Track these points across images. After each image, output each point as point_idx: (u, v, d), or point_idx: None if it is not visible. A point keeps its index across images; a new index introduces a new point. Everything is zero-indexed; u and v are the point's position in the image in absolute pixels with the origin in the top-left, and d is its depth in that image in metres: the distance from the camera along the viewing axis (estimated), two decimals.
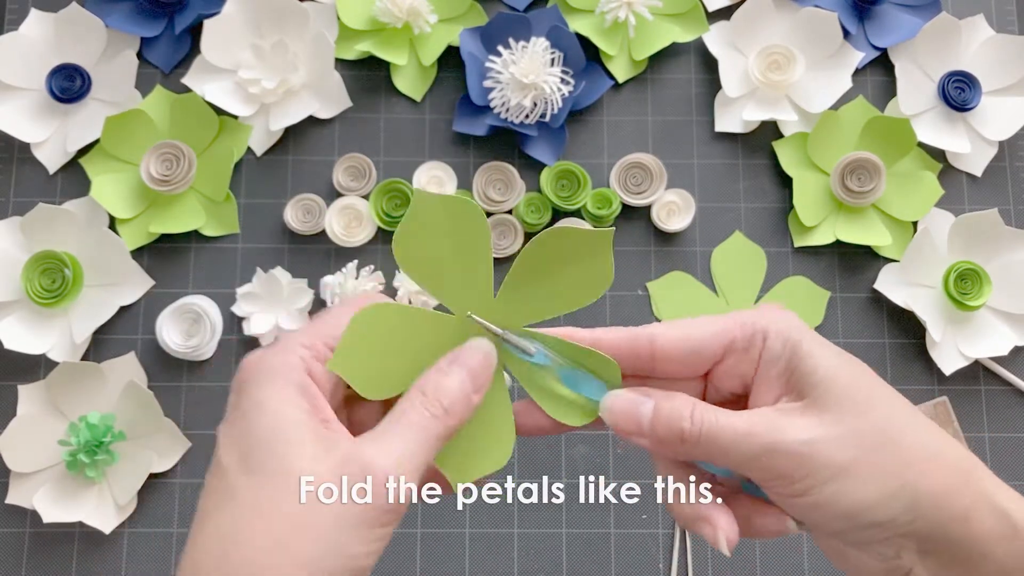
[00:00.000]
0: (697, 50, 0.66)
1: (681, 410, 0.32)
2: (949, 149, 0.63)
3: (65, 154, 0.63)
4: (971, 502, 0.30)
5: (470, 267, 0.33)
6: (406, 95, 0.65)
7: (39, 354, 0.60)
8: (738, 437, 0.30)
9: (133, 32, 0.64)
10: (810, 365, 0.31)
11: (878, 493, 0.29)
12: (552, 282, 0.34)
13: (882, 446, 0.30)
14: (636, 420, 0.33)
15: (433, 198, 0.33)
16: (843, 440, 0.30)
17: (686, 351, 0.33)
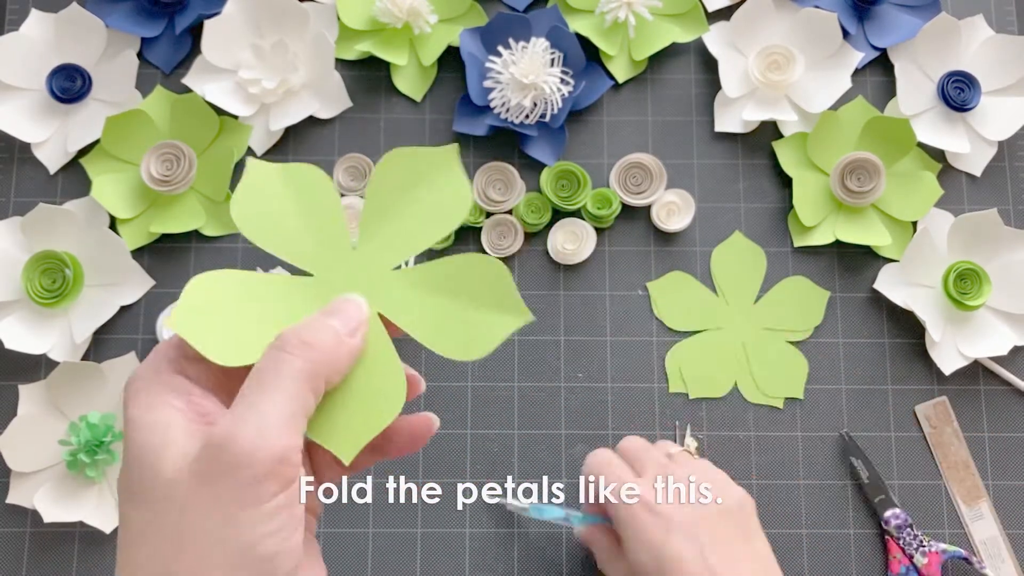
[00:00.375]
0: (697, 50, 0.66)
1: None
2: (949, 149, 0.63)
3: (66, 154, 0.63)
4: None
5: (321, 227, 0.31)
6: (406, 95, 0.65)
7: (39, 354, 0.60)
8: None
9: (133, 32, 0.64)
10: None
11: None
12: (407, 214, 0.32)
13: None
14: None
15: (268, 167, 0.32)
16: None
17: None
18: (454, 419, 0.60)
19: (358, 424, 0.30)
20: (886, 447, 0.60)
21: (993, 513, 0.59)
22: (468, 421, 0.60)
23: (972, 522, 0.59)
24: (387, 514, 0.58)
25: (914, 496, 0.59)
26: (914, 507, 0.59)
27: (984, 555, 0.58)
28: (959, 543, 0.58)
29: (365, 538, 0.58)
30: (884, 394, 0.60)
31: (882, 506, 0.58)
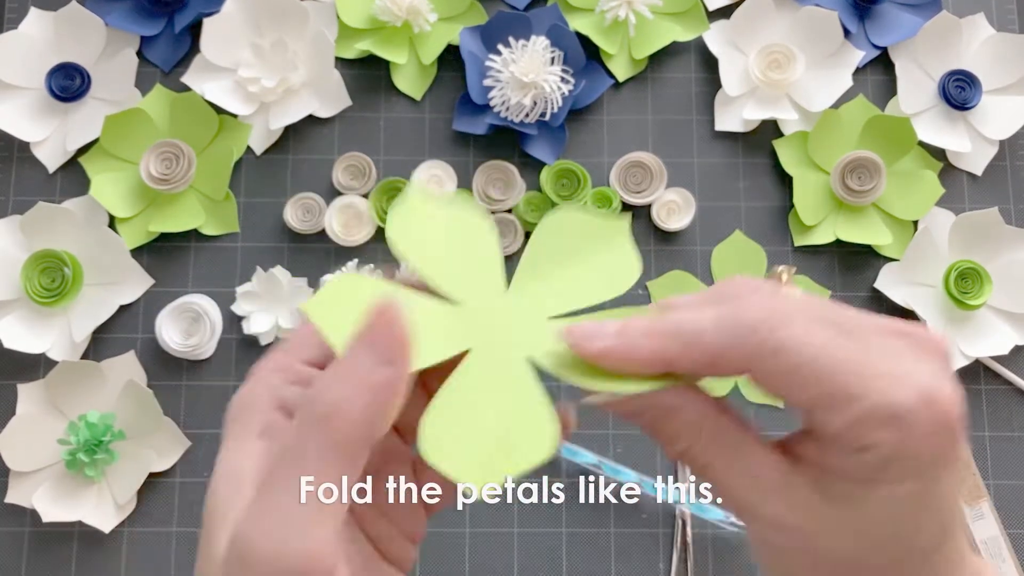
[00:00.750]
0: (697, 49, 0.66)
1: (700, 431, 0.25)
2: (949, 148, 0.63)
3: (65, 153, 0.63)
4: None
5: (475, 264, 0.30)
6: (406, 94, 0.65)
7: (38, 353, 0.60)
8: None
9: (133, 31, 0.64)
10: (873, 516, 0.24)
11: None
12: (569, 275, 0.30)
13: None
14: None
15: (431, 195, 0.31)
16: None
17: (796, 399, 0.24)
18: None
19: (488, 454, 0.25)
20: None
21: (994, 513, 0.59)
22: None
23: (973, 522, 0.58)
24: None
25: None
26: None
27: (985, 555, 0.58)
28: None
29: None
30: None
31: None
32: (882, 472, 0.23)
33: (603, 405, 0.26)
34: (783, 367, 0.23)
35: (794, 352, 0.23)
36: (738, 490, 0.25)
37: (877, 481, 0.23)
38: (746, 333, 0.23)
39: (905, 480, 0.23)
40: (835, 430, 0.23)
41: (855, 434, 0.23)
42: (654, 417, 0.26)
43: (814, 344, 0.23)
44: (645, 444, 0.59)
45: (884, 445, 0.22)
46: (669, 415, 0.25)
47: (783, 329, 0.23)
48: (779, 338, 0.23)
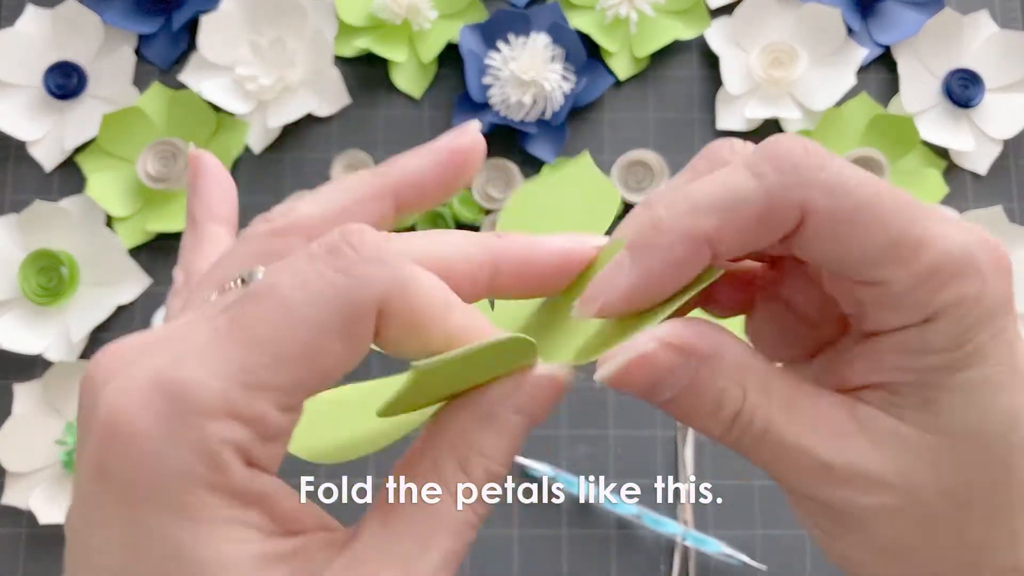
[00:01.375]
0: (699, 47, 0.66)
1: (744, 389, 0.20)
2: (953, 147, 0.63)
3: (62, 152, 0.63)
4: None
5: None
6: (405, 92, 0.64)
7: (35, 353, 0.59)
8: (801, 464, 0.20)
9: (130, 29, 0.64)
10: (965, 409, 0.20)
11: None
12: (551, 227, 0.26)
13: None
14: (653, 389, 0.20)
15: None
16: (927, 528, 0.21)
17: (845, 267, 0.20)
18: None
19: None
20: None
21: None
22: None
23: None
24: None
25: None
26: None
27: None
28: None
29: None
30: None
31: None
32: (964, 342, 0.20)
33: (621, 378, 0.20)
34: (840, 212, 0.19)
35: (851, 192, 0.20)
36: (810, 448, 0.20)
37: (960, 363, 0.20)
38: (790, 177, 0.20)
39: (979, 357, 0.20)
40: (904, 288, 0.20)
41: (929, 289, 0.19)
42: (690, 380, 0.20)
43: (868, 183, 0.20)
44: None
45: (963, 302, 0.19)
46: (708, 370, 0.20)
47: (829, 167, 0.20)
48: (829, 176, 0.20)
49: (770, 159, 0.20)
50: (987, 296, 0.20)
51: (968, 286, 0.20)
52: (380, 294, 0.19)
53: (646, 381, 0.20)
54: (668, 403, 0.21)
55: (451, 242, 0.21)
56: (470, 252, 0.21)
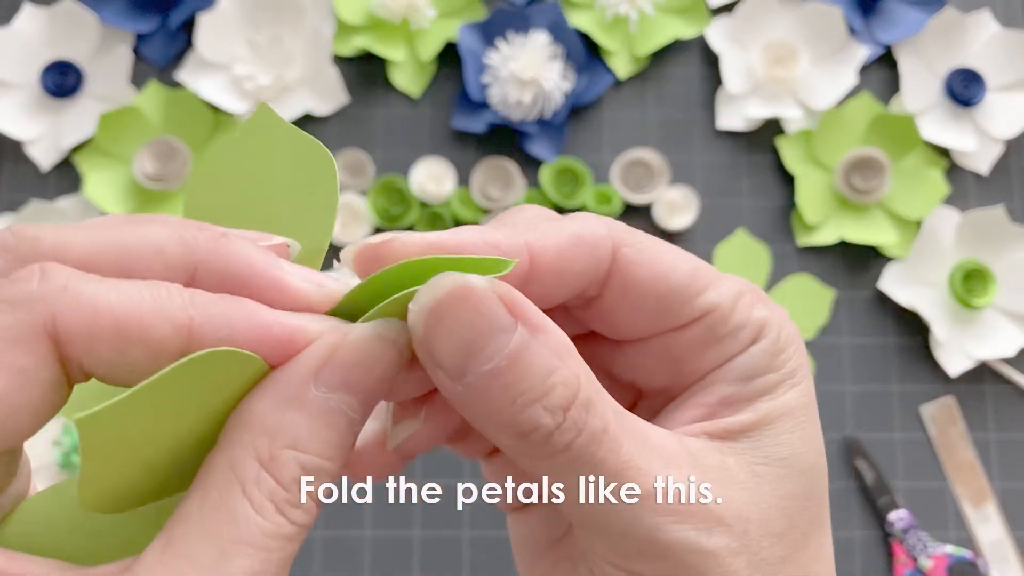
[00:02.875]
0: (699, 46, 0.65)
1: (577, 380, 0.17)
2: (955, 147, 0.62)
3: (58, 151, 0.62)
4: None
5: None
6: (404, 91, 0.64)
7: None
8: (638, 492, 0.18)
9: (128, 27, 0.64)
10: (789, 433, 0.20)
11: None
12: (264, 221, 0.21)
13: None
14: (473, 346, 0.17)
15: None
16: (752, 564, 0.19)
17: (656, 296, 0.20)
18: None
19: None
20: (891, 448, 0.59)
21: (999, 515, 0.58)
22: None
23: (978, 524, 0.58)
24: (385, 517, 0.57)
25: (919, 498, 0.58)
26: (919, 509, 0.58)
27: (990, 558, 0.57)
28: (965, 546, 0.57)
29: (361, 542, 0.57)
30: (889, 395, 0.60)
31: (887, 508, 0.57)
32: (783, 362, 0.20)
33: (440, 312, 0.17)
34: (648, 249, 0.21)
35: (645, 237, 0.21)
36: (648, 470, 0.18)
37: (780, 386, 0.20)
38: (602, 238, 0.20)
39: (797, 379, 0.20)
40: (729, 309, 0.20)
41: (746, 307, 0.20)
42: (518, 349, 0.17)
43: (666, 251, 0.21)
44: None
45: (776, 321, 0.21)
46: (540, 343, 0.17)
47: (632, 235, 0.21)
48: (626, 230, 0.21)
49: (574, 216, 0.21)
50: (787, 318, 0.21)
51: (773, 308, 0.21)
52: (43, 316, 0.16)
53: (469, 328, 0.17)
54: (487, 376, 0.17)
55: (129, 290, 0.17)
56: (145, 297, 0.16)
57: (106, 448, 0.15)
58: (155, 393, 0.15)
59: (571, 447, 0.17)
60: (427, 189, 0.61)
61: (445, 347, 0.17)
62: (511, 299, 0.17)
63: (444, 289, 0.17)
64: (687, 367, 0.21)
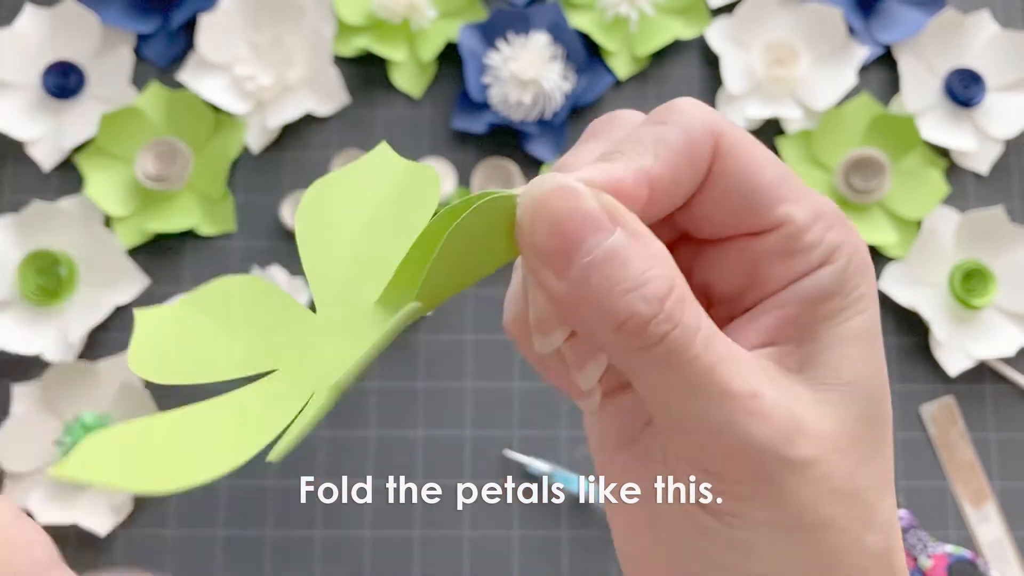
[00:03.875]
0: (699, 46, 0.65)
1: (672, 279, 0.18)
2: (955, 147, 0.62)
3: (60, 151, 0.63)
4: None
5: (268, 324, 0.23)
6: (405, 92, 0.64)
7: (34, 354, 0.59)
8: (725, 393, 0.18)
9: (129, 28, 0.64)
10: (851, 359, 0.20)
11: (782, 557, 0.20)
12: (360, 234, 0.24)
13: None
14: (575, 237, 0.18)
15: (162, 312, 0.24)
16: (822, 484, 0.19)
17: (741, 194, 0.21)
18: (453, 420, 0.59)
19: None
20: None
21: (999, 515, 0.58)
22: (467, 422, 0.59)
23: (978, 524, 0.58)
24: (385, 517, 0.58)
25: (919, 498, 0.58)
26: (919, 509, 0.58)
27: (990, 557, 0.57)
28: (965, 545, 0.57)
29: (361, 542, 0.57)
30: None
31: None
32: (853, 287, 0.20)
33: (541, 212, 0.19)
34: (744, 140, 0.21)
35: (744, 130, 0.21)
36: (736, 375, 0.19)
37: (849, 310, 0.20)
38: (699, 115, 0.21)
39: (863, 306, 0.21)
40: (804, 224, 0.20)
41: (822, 228, 0.20)
42: (615, 247, 0.18)
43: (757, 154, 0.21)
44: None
45: (849, 244, 0.21)
46: (638, 244, 0.19)
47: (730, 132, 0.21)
48: (727, 119, 0.21)
49: (676, 108, 0.21)
50: (862, 245, 0.21)
51: (850, 232, 0.21)
52: None
53: (571, 222, 0.18)
54: (587, 268, 0.18)
55: None
56: None
57: (443, 255, 0.19)
58: (472, 218, 0.19)
59: (666, 339, 0.18)
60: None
61: (548, 239, 0.18)
62: (612, 206, 0.19)
63: (548, 186, 0.19)
64: (760, 276, 0.21)
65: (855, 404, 0.20)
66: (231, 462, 0.18)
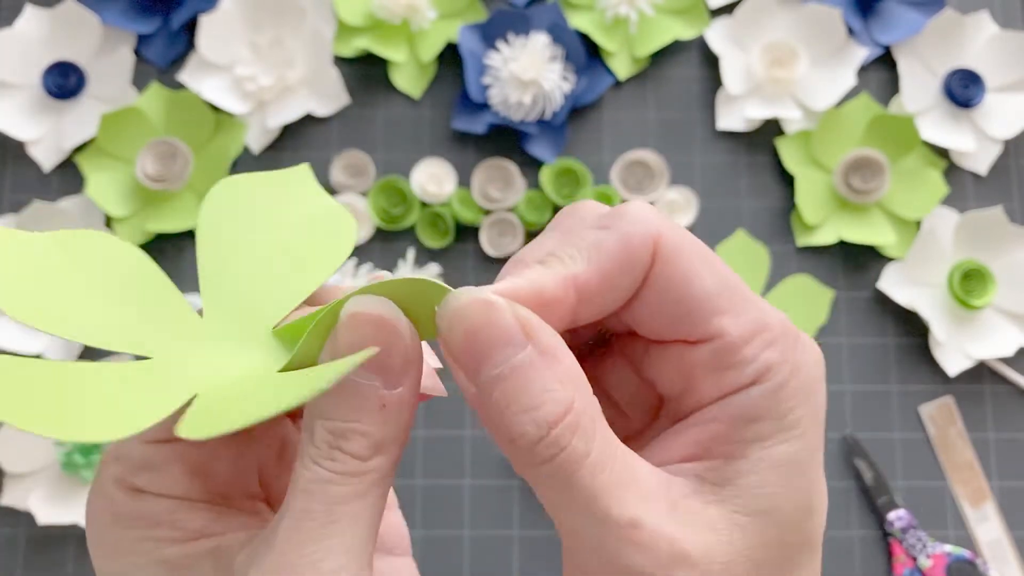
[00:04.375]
0: (699, 47, 0.66)
1: (568, 403, 0.19)
2: (954, 147, 0.62)
3: (60, 152, 0.63)
4: None
5: (138, 300, 0.22)
6: (405, 92, 0.64)
7: (35, 354, 0.59)
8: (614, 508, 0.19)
9: (129, 28, 0.64)
10: (774, 486, 0.20)
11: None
12: (267, 256, 0.23)
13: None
14: (485, 351, 0.19)
15: (32, 237, 0.22)
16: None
17: (674, 301, 0.21)
18: (453, 420, 0.59)
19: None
20: (890, 448, 0.59)
21: (998, 515, 0.58)
22: (467, 422, 0.59)
23: (977, 524, 0.58)
24: None
25: (918, 498, 0.58)
26: (918, 509, 0.58)
27: (989, 557, 0.57)
28: (964, 545, 0.57)
29: None
30: (888, 395, 0.60)
31: (886, 507, 0.57)
32: (786, 411, 0.20)
33: (464, 321, 0.20)
34: (686, 247, 0.21)
35: (690, 237, 0.21)
36: (623, 498, 0.19)
37: (777, 435, 0.20)
38: (641, 224, 0.21)
39: (797, 432, 0.20)
40: (739, 338, 0.20)
41: (760, 344, 0.20)
42: (522, 363, 0.19)
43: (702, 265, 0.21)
44: None
45: (787, 365, 0.20)
46: (545, 361, 0.19)
47: (671, 220, 0.22)
48: (674, 224, 0.21)
49: (621, 214, 0.21)
50: (807, 367, 0.20)
51: (794, 351, 0.20)
52: None
53: (484, 336, 0.19)
54: (492, 381, 0.19)
55: None
56: None
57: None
58: (409, 285, 0.20)
59: (552, 461, 0.19)
60: (428, 190, 0.61)
61: (462, 346, 0.19)
62: (527, 321, 0.19)
63: (468, 298, 0.19)
64: (695, 385, 0.21)
65: (766, 531, 0.20)
66: (92, 434, 0.18)
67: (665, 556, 0.19)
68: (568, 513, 0.20)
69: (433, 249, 0.61)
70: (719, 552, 0.19)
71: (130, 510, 0.22)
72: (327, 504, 0.19)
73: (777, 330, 0.20)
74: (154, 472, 0.22)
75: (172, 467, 0.22)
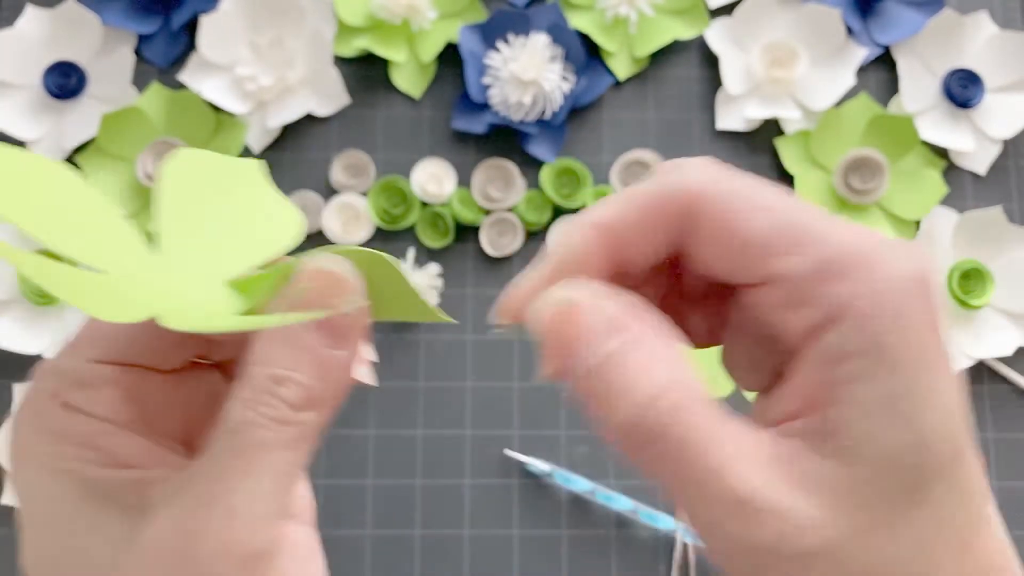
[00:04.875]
0: (699, 47, 0.66)
1: (669, 377, 0.19)
2: (953, 147, 0.62)
3: (61, 152, 0.63)
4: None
5: (86, 221, 0.22)
6: (405, 92, 0.64)
7: (35, 353, 0.59)
8: (717, 491, 0.18)
9: (130, 28, 0.64)
10: (872, 421, 0.19)
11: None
12: (221, 227, 0.24)
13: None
14: (576, 345, 0.20)
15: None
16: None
17: (729, 251, 0.20)
18: (453, 420, 0.59)
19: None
20: None
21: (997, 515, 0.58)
22: (467, 422, 0.59)
23: None
24: (385, 516, 0.58)
25: None
26: None
27: None
28: None
29: (361, 541, 0.57)
30: None
31: None
32: (874, 346, 0.18)
33: (547, 324, 0.20)
34: (721, 195, 0.20)
35: (733, 179, 0.21)
36: (731, 471, 0.18)
37: (872, 372, 0.18)
38: (673, 173, 0.21)
39: (902, 357, 0.18)
40: (797, 280, 0.19)
41: (825, 280, 0.19)
42: (614, 352, 0.19)
43: (751, 179, 0.21)
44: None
45: (866, 298, 0.18)
46: (637, 347, 0.19)
47: (715, 168, 0.21)
48: (712, 170, 0.21)
49: (671, 168, 0.21)
50: (891, 292, 0.19)
51: (869, 279, 0.19)
52: None
53: (569, 338, 0.20)
54: (583, 377, 0.19)
55: None
56: None
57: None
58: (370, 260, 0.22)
59: (658, 440, 0.19)
60: (428, 190, 0.61)
61: (552, 348, 0.20)
62: (614, 315, 0.20)
63: (557, 299, 0.20)
64: (782, 333, 0.20)
65: (877, 478, 0.18)
66: (95, 309, 0.19)
67: (780, 526, 0.18)
68: (685, 496, 0.19)
69: (433, 249, 0.61)
70: (833, 513, 0.18)
71: (61, 426, 0.22)
72: (252, 447, 0.20)
73: (847, 260, 0.19)
74: (90, 390, 0.22)
75: (108, 388, 0.22)
